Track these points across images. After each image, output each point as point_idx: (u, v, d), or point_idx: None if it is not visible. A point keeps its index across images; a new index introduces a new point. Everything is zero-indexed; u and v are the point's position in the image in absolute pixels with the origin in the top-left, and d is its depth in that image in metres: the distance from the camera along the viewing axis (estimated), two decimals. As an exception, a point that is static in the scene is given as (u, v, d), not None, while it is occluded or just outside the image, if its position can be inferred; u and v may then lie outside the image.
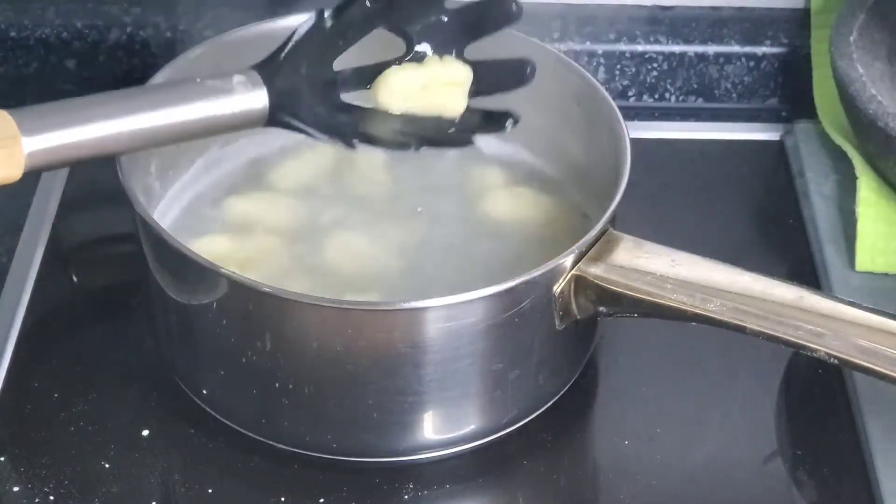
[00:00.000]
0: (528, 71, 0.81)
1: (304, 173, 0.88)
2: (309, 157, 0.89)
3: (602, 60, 1.04)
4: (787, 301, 0.74)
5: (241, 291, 0.73)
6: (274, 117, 0.77)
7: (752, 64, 1.04)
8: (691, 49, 1.04)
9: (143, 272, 0.79)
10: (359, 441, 0.77)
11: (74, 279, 0.91)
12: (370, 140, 0.80)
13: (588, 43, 1.04)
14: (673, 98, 1.06)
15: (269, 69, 0.78)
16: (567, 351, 0.80)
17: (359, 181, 0.90)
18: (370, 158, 0.90)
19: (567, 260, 0.75)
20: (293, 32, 0.79)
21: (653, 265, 0.76)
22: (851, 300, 0.74)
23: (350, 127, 0.79)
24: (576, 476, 0.80)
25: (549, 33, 1.03)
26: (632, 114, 1.04)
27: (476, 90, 0.83)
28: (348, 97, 0.81)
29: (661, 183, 0.97)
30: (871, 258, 0.89)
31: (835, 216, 0.93)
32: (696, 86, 1.05)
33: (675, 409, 0.83)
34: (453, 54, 0.83)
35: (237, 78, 0.76)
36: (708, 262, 0.76)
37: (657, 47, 1.04)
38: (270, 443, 0.79)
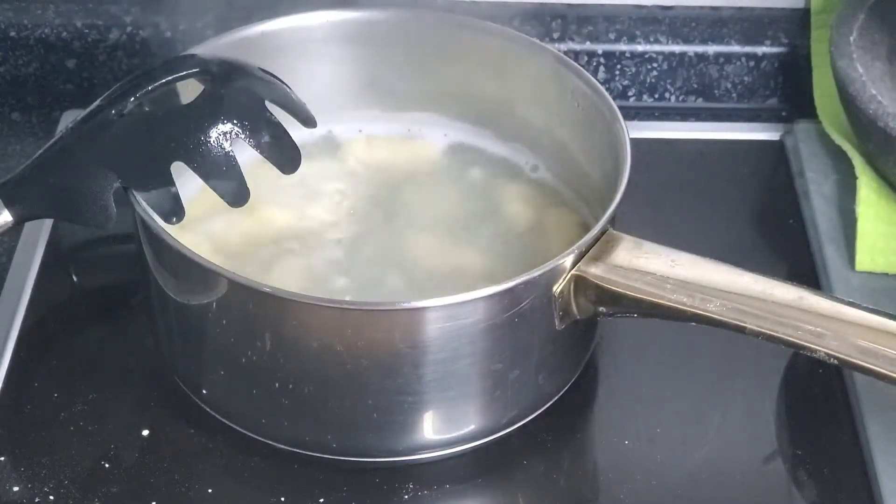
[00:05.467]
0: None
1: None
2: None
3: (602, 60, 1.04)
4: (787, 301, 0.74)
5: (241, 291, 0.74)
6: (27, 219, 0.80)
7: (752, 64, 1.04)
8: (691, 49, 1.04)
9: (143, 272, 0.79)
10: (359, 441, 0.77)
11: (74, 279, 0.91)
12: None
13: (588, 43, 1.04)
14: (673, 98, 1.06)
15: (9, 191, 0.79)
16: (567, 351, 0.80)
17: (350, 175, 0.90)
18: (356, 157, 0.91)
19: (567, 260, 0.75)
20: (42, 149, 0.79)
21: (653, 265, 0.76)
22: (851, 300, 0.74)
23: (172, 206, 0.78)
24: (576, 476, 0.80)
25: (549, 33, 1.04)
26: (632, 114, 1.04)
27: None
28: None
29: (661, 183, 0.97)
30: (871, 258, 0.89)
31: (835, 216, 0.93)
32: (696, 86, 1.05)
33: (675, 409, 0.83)
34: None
35: None
36: (708, 262, 0.76)
37: (657, 47, 1.04)
38: (270, 443, 0.79)
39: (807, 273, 0.90)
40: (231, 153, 0.77)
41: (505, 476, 0.80)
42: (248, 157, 0.79)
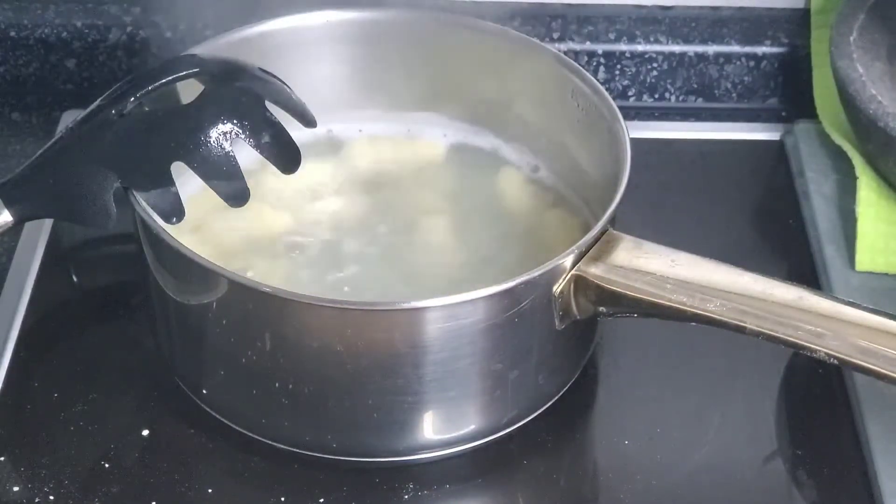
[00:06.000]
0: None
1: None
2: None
3: (602, 60, 1.04)
4: (787, 301, 0.74)
5: (241, 291, 0.73)
6: (27, 219, 0.80)
7: (752, 64, 1.04)
8: (691, 49, 1.04)
9: (143, 272, 0.79)
10: (359, 441, 0.77)
11: (74, 279, 0.91)
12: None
13: (588, 43, 1.04)
14: (673, 98, 1.06)
15: (9, 191, 0.79)
16: (567, 351, 0.80)
17: (349, 175, 0.90)
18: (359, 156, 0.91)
19: (567, 260, 0.75)
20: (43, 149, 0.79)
21: (653, 265, 0.76)
22: (851, 300, 0.74)
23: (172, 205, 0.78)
24: (576, 476, 0.80)
25: (549, 33, 1.04)
26: (632, 114, 1.04)
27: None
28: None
29: (661, 183, 0.97)
30: (871, 258, 0.89)
31: (835, 216, 0.93)
32: (696, 86, 1.05)
33: (675, 409, 0.83)
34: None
35: None
36: (708, 262, 0.76)
37: (657, 47, 1.04)
38: (270, 443, 0.79)
39: (807, 273, 0.90)
40: (231, 153, 0.77)
41: (505, 476, 0.80)
42: (248, 157, 0.79)
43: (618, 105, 0.84)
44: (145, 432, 0.80)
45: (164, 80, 0.79)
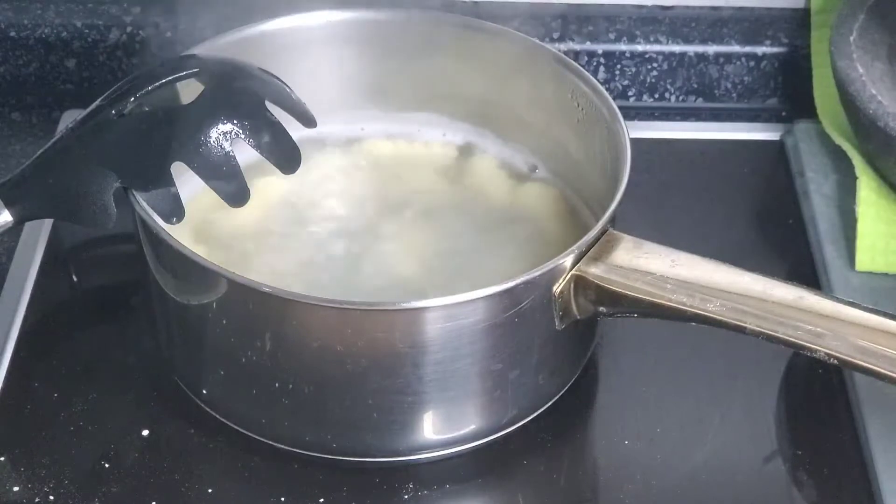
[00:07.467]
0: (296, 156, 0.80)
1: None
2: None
3: (602, 60, 1.04)
4: (787, 301, 0.74)
5: (241, 291, 0.74)
6: (27, 219, 0.80)
7: (752, 64, 1.04)
8: (691, 49, 1.04)
9: (143, 272, 0.79)
10: (359, 441, 0.78)
11: (74, 279, 0.91)
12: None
13: (588, 43, 1.04)
14: (673, 98, 1.06)
15: (9, 191, 0.79)
16: (567, 351, 0.80)
17: (349, 175, 0.90)
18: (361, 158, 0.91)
19: (567, 260, 0.75)
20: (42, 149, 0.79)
21: (653, 265, 0.76)
22: (851, 300, 0.74)
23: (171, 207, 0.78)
24: (576, 476, 0.80)
25: (549, 33, 1.04)
26: (632, 114, 1.04)
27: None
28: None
29: (661, 183, 0.97)
30: (871, 258, 0.89)
31: (835, 216, 0.93)
32: (696, 86, 1.05)
33: (675, 409, 0.83)
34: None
35: None
36: (708, 262, 0.76)
37: (657, 47, 1.04)
38: (270, 443, 0.79)
39: (807, 273, 0.90)
40: (231, 153, 0.77)
41: (505, 476, 0.80)
42: (248, 157, 0.79)
43: (618, 105, 0.84)
44: (145, 432, 0.80)
45: (164, 80, 0.79)
